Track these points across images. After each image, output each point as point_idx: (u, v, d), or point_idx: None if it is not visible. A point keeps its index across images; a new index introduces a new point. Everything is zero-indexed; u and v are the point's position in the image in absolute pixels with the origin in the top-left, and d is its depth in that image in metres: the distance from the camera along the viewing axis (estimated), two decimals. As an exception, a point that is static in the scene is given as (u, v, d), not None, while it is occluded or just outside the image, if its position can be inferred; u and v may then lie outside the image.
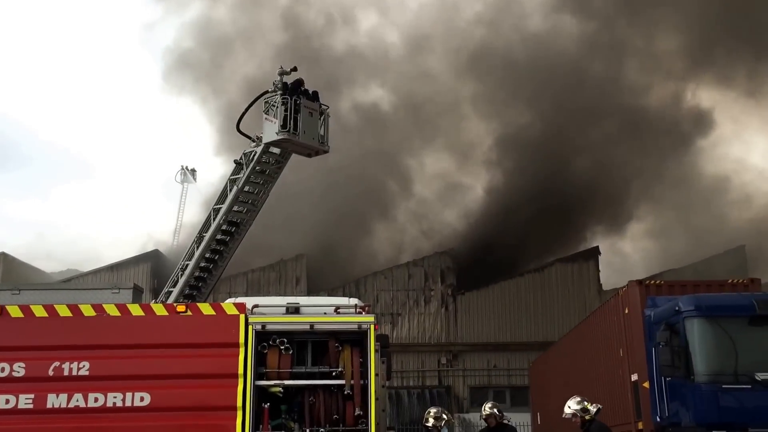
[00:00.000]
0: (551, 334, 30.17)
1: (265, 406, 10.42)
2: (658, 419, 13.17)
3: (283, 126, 20.78)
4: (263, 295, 27.07)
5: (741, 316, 12.23)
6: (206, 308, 10.87)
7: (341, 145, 23.69)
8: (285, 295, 29.83)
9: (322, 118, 21.96)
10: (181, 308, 10.77)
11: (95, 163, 73.19)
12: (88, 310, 10.51)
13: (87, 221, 69.08)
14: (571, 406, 9.79)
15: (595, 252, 34.70)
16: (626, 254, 42.86)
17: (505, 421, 10.89)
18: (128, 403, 10.13)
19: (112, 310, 10.56)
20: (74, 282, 30.75)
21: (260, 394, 10.48)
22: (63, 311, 10.49)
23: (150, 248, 36.52)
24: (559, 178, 36.96)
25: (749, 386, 11.74)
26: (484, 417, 10.62)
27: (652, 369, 13.39)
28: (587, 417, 9.61)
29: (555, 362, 22.56)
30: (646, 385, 13.69)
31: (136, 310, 10.68)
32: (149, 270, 34.00)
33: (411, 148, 41.22)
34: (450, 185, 41.65)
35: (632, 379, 14.52)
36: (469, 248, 35.93)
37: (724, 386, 11.77)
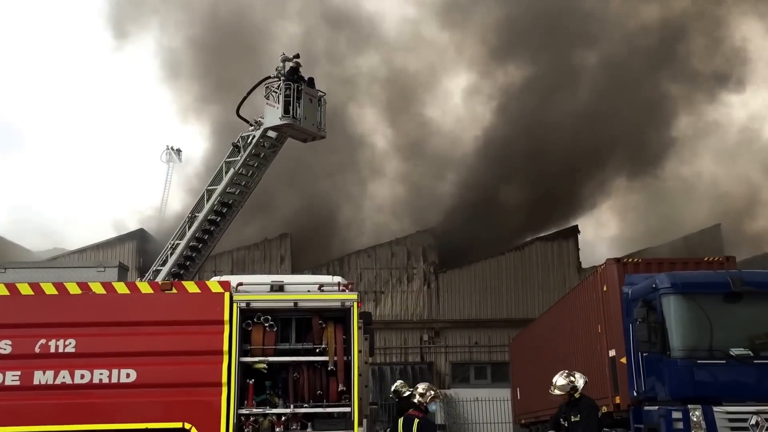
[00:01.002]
0: (531, 311, 30.54)
1: (250, 382, 10.56)
2: (635, 393, 13.45)
3: (286, 111, 21.31)
4: (248, 274, 27.20)
5: (716, 293, 12.46)
6: (191, 286, 10.98)
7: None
8: (269, 273, 29.97)
9: (320, 105, 22.41)
10: (166, 286, 10.87)
11: (78, 141, 72.46)
12: (73, 288, 10.59)
13: (72, 201, 68.55)
14: (559, 382, 9.30)
15: (574, 231, 35.03)
16: (605, 233, 43.13)
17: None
18: (114, 380, 10.25)
19: (97, 288, 10.63)
20: (60, 260, 30.67)
21: (245, 370, 10.62)
22: (49, 289, 10.56)
23: (135, 227, 36.50)
24: (541, 146, 36.76)
25: (723, 361, 12.01)
26: None
27: (629, 345, 13.65)
28: (576, 395, 9.21)
29: (535, 339, 22.87)
30: (624, 360, 13.95)
31: (121, 288, 10.76)
32: (134, 249, 34.00)
33: (391, 113, 40.86)
34: (434, 160, 41.46)
35: (610, 355, 14.78)
36: (451, 227, 36.13)
37: (699, 361, 12.02)
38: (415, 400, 9.37)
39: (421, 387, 9.53)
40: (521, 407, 24.23)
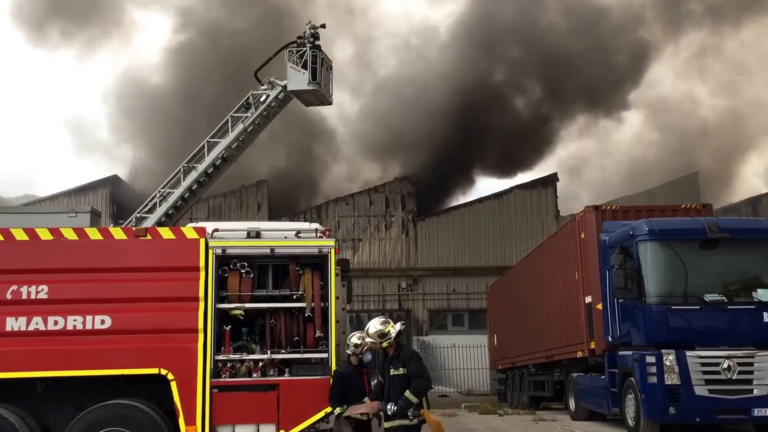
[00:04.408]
0: (509, 258, 30.74)
1: (227, 328, 10.50)
2: (610, 339, 13.62)
3: (314, 78, 22.58)
4: (224, 221, 27.03)
5: (692, 239, 12.57)
6: (166, 232, 10.79)
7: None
8: (246, 221, 29.79)
9: (330, 72, 23.83)
10: (140, 232, 10.69)
11: (49, 85, 71.00)
12: (45, 234, 10.38)
13: (44, 145, 67.53)
14: (371, 329, 8.80)
15: (553, 178, 35.11)
16: (584, 180, 43.32)
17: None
18: (89, 326, 10.12)
19: (69, 234, 10.44)
20: (31, 206, 30.25)
21: (222, 317, 10.55)
22: (19, 235, 10.34)
23: (108, 173, 35.99)
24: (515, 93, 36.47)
25: (698, 307, 12.16)
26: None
27: (605, 291, 13.78)
28: (385, 344, 8.72)
29: (512, 286, 23.03)
30: (600, 306, 14.10)
31: (93, 234, 10.56)
32: (108, 195, 33.63)
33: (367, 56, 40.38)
34: (411, 105, 41.07)
35: (586, 301, 14.93)
36: (429, 174, 36.05)
37: (673, 307, 12.17)
38: (348, 351, 9.43)
39: (357, 335, 9.51)
40: (498, 353, 24.53)
